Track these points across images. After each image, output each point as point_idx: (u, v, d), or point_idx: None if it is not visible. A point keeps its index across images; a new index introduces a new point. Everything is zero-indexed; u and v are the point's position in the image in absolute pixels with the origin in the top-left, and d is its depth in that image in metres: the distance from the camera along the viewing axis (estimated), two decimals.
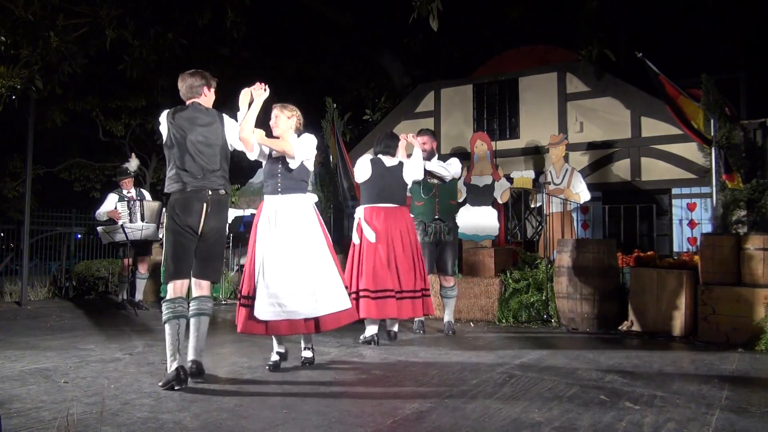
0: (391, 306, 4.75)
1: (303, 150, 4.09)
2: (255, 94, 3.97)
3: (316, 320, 3.98)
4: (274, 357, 4.07)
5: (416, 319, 5.47)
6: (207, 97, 3.93)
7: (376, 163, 5.09)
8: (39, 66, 7.39)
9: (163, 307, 3.64)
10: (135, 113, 13.09)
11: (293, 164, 4.07)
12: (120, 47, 8.35)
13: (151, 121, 13.20)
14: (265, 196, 4.17)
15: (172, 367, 3.50)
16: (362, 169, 5.08)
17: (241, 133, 3.91)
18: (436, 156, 5.64)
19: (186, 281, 3.73)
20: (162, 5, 8.68)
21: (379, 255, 4.84)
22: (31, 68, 7.30)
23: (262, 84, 4.00)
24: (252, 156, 4.07)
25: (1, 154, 13.69)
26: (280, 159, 4.12)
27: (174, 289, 3.66)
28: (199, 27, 8.84)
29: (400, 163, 5.14)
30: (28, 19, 7.08)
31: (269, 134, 4.13)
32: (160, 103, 12.40)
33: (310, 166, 4.24)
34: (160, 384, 3.50)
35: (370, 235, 4.91)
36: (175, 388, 3.44)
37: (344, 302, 4.09)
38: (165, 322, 3.58)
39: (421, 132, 5.61)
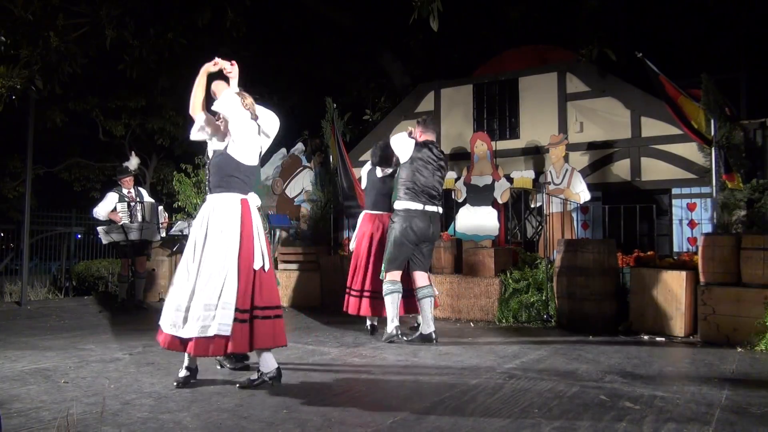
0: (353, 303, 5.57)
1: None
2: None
3: (185, 341, 3.43)
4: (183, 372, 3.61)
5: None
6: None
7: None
8: (39, 66, 7.39)
9: None
10: (135, 113, 13.09)
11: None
12: (120, 47, 8.35)
13: (151, 121, 13.21)
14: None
15: None
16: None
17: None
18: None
19: None
20: (162, 5, 8.68)
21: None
22: (31, 68, 7.30)
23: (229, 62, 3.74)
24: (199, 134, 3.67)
25: (1, 154, 13.69)
26: (213, 150, 3.73)
27: None
28: (199, 27, 8.83)
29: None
30: (28, 19, 7.08)
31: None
32: (161, 103, 12.43)
33: (242, 156, 3.55)
34: None
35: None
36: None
37: (214, 328, 3.37)
38: None
39: None
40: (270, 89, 11.09)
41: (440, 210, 5.20)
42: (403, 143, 5.13)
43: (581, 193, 7.64)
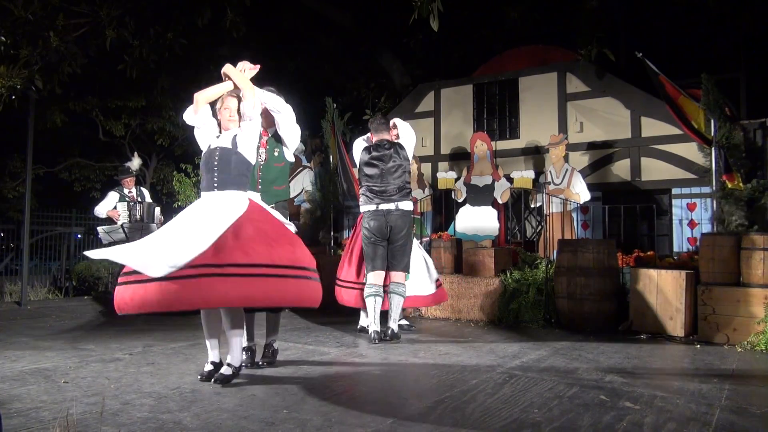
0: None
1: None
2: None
3: None
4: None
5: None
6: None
7: None
8: (39, 66, 7.40)
9: None
10: (135, 113, 13.09)
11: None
12: (120, 47, 8.36)
13: (151, 121, 13.21)
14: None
15: None
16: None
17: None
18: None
19: None
20: (162, 5, 8.68)
21: None
22: (31, 68, 7.31)
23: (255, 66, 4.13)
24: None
25: (1, 154, 13.69)
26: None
27: None
28: (199, 27, 8.83)
29: None
30: (28, 19, 7.09)
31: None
32: (160, 103, 12.43)
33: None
34: None
35: None
36: None
37: None
38: None
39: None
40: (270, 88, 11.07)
41: (398, 206, 5.13)
42: (355, 153, 5.44)
43: (581, 193, 7.65)
